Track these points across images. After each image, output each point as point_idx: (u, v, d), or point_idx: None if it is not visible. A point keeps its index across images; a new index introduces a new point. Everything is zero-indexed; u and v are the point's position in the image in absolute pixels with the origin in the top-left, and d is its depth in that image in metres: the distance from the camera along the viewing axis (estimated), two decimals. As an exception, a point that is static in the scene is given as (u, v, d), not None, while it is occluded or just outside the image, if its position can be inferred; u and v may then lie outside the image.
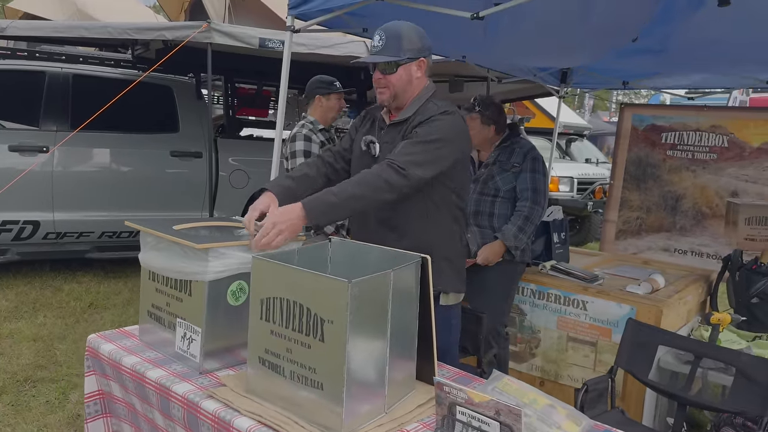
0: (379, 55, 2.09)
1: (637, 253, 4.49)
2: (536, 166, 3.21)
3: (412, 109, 2.16)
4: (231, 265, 1.82)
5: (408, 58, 2.10)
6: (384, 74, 2.12)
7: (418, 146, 2.03)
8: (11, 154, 4.83)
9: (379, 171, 1.98)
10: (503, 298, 3.18)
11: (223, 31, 4.48)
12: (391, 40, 2.09)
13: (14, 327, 4.10)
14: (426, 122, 2.08)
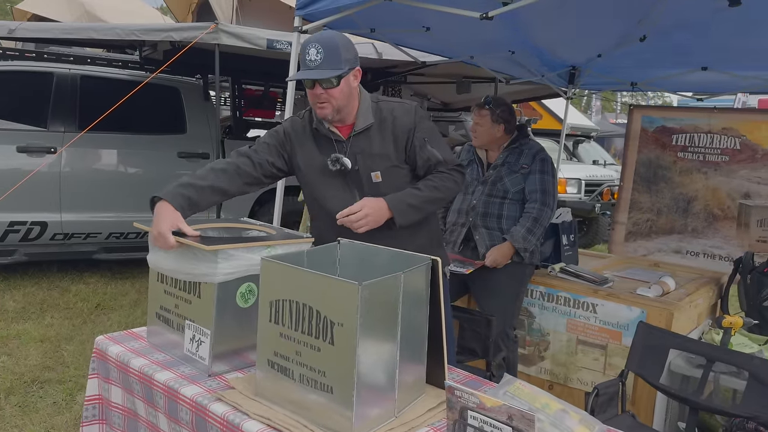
0: (320, 69, 1.99)
1: (647, 255, 4.45)
2: (545, 168, 3.19)
3: (368, 115, 2.16)
4: (240, 267, 1.81)
5: (348, 69, 2.05)
6: (325, 89, 2.03)
7: (443, 144, 2.22)
8: (19, 155, 4.84)
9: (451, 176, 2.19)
10: (512, 301, 3.16)
11: (231, 32, 4.48)
12: (330, 52, 2.00)
13: (21, 328, 4.10)
14: (418, 123, 2.18)
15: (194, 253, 1.80)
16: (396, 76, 6.32)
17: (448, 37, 3.81)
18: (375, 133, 2.14)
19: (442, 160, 2.16)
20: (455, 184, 2.18)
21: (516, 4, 2.34)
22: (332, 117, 2.11)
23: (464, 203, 3.28)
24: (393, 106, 2.19)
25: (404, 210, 2.06)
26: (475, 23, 3.41)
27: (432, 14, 3.36)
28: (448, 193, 2.17)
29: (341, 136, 2.18)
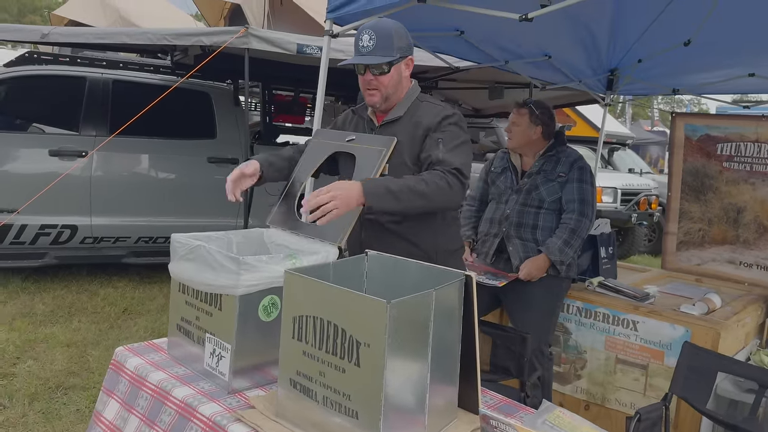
0: (371, 55, 2.01)
1: (701, 265, 4.25)
2: (584, 176, 3.05)
3: (403, 108, 2.12)
4: (263, 278, 1.72)
5: (399, 57, 2.05)
6: (375, 75, 2.04)
7: (458, 150, 2.01)
8: (51, 159, 4.87)
9: (443, 176, 1.93)
10: (548, 316, 3.02)
11: (261, 37, 4.43)
12: (383, 39, 2.00)
13: (49, 332, 4.10)
14: (444, 126, 2.05)
15: (215, 264, 1.72)
16: (427, 82, 6.21)
17: (482, 42, 3.70)
18: (401, 128, 2.10)
19: (441, 159, 1.95)
20: (447, 186, 1.89)
21: (556, 5, 2.22)
22: (380, 105, 2.10)
23: (497, 212, 3.16)
24: (430, 107, 2.13)
25: (380, 194, 1.81)
26: (512, 26, 3.29)
27: (466, 17, 3.25)
28: (436, 191, 1.88)
29: (375, 123, 2.18)
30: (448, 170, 1.93)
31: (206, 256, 1.74)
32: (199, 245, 1.77)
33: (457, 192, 1.93)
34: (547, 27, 3.30)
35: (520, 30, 3.34)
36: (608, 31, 3.50)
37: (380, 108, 2.13)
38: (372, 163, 2.00)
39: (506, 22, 2.95)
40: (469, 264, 3.13)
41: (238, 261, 1.65)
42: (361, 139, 2.10)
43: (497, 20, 2.97)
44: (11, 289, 4.94)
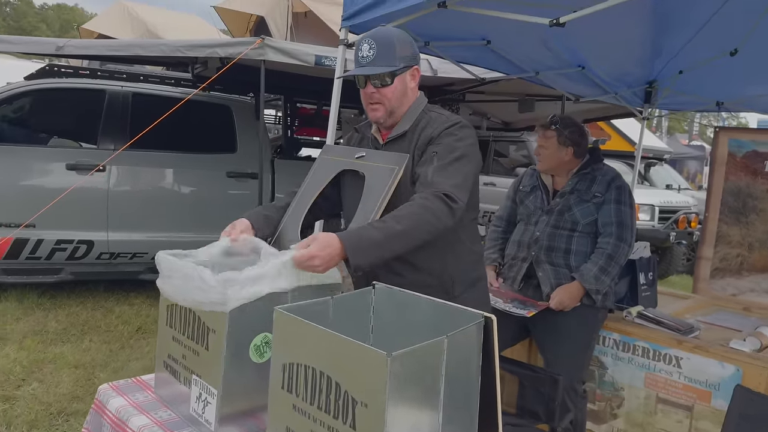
0: (372, 66, 1.82)
1: (737, 295, 3.93)
2: (622, 197, 2.79)
3: (408, 122, 1.90)
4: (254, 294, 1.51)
5: (403, 66, 1.85)
6: (377, 88, 1.84)
7: (450, 168, 1.76)
8: (68, 173, 4.77)
9: (424, 203, 1.68)
10: (582, 350, 2.75)
11: (277, 48, 4.28)
12: (384, 48, 1.82)
13: (59, 351, 3.97)
14: (441, 137, 1.82)
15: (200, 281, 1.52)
16: (453, 95, 6.00)
17: (510, 51, 3.47)
18: (407, 144, 1.89)
19: (429, 182, 1.73)
20: (432, 215, 1.65)
21: (590, 8, 1.99)
22: (384, 120, 1.90)
23: (525, 234, 2.91)
24: (435, 116, 1.90)
25: (363, 248, 1.57)
26: (542, 35, 3.08)
27: (493, 26, 3.05)
28: (417, 227, 1.64)
29: (380, 141, 1.97)
30: (434, 194, 1.69)
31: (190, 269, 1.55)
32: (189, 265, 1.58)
33: (444, 218, 1.69)
34: (580, 34, 3.08)
35: (552, 38, 3.13)
36: (649, 39, 3.24)
37: (385, 124, 1.93)
38: (383, 182, 1.79)
39: (536, 30, 2.73)
40: (495, 290, 2.88)
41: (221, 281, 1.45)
42: (372, 157, 1.89)
43: (526, 27, 2.74)
44: (26, 305, 4.85)
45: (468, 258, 1.94)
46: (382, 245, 1.60)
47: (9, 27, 38.48)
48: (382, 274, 1.86)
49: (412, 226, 1.63)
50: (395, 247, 1.64)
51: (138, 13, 8.82)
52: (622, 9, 2.26)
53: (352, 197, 1.91)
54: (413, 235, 1.65)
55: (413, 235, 1.65)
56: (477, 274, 2.00)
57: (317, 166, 2.05)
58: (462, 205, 1.73)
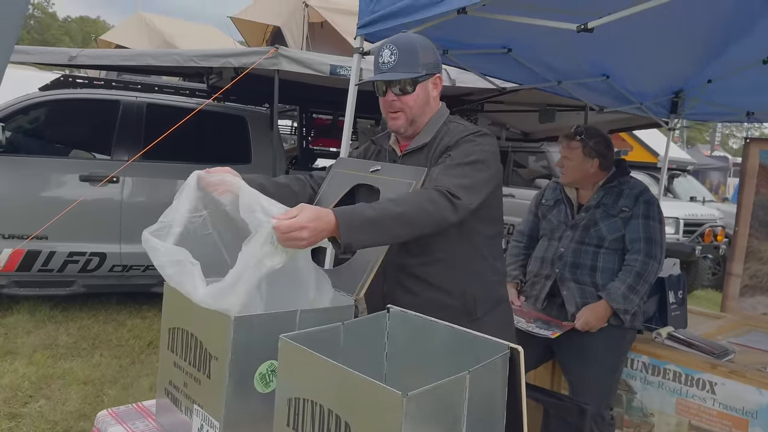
0: (393, 72, 1.72)
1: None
2: (650, 212, 2.65)
3: (429, 134, 1.79)
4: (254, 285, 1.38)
5: (426, 74, 1.75)
6: (398, 95, 1.74)
7: (459, 169, 1.64)
8: (82, 184, 4.73)
9: (423, 192, 1.57)
10: (609, 374, 2.60)
11: (292, 57, 4.20)
12: (406, 54, 1.72)
13: (68, 366, 3.89)
14: (459, 144, 1.71)
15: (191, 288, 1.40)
16: (472, 105, 5.88)
17: (532, 60, 3.34)
18: (425, 155, 1.78)
19: (432, 179, 1.62)
20: (432, 204, 1.53)
21: (620, 13, 1.86)
22: (405, 130, 1.79)
23: (549, 250, 2.78)
24: (454, 127, 1.79)
25: (357, 225, 1.42)
26: (565, 43, 2.95)
27: (514, 33, 2.93)
28: (417, 213, 1.51)
29: (397, 153, 1.86)
30: (435, 188, 1.57)
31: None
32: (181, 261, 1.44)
33: (444, 211, 1.55)
34: (608, 42, 2.94)
35: (577, 46, 3.00)
36: (680, 47, 3.10)
37: (405, 133, 1.81)
38: None
39: (559, 37, 2.61)
40: (517, 309, 2.74)
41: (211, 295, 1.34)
42: (387, 170, 1.78)
43: (549, 34, 2.63)
44: (38, 318, 4.80)
45: (491, 276, 1.81)
46: (377, 223, 1.46)
47: (33, 39, 39.13)
48: (396, 291, 1.75)
49: (410, 210, 1.51)
50: (392, 229, 1.49)
51: (155, 24, 8.85)
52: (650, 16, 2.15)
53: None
54: (411, 219, 1.51)
55: (411, 219, 1.51)
56: (500, 294, 1.87)
57: (330, 179, 1.94)
58: (467, 205, 1.60)
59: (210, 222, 1.65)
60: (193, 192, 1.63)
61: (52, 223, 4.36)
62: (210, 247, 1.63)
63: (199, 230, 1.63)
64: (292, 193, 1.86)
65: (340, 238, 1.41)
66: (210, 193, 1.63)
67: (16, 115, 4.77)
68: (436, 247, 1.71)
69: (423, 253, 1.72)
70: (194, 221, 1.61)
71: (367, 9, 2.52)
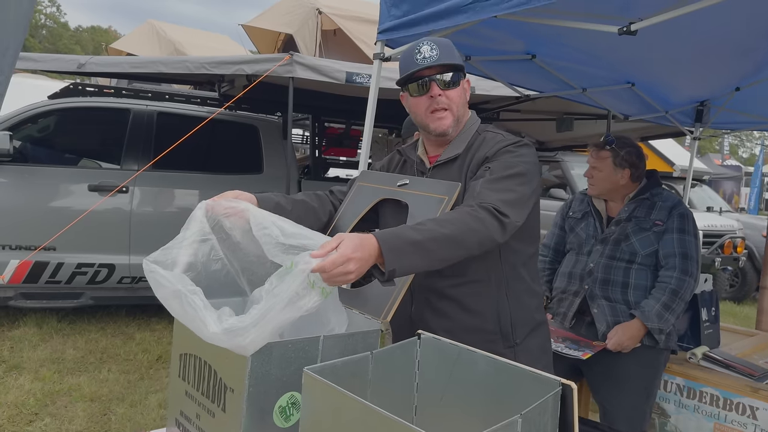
0: (438, 64, 1.59)
1: (803, 332, 3.59)
2: (685, 225, 2.51)
3: (461, 144, 1.65)
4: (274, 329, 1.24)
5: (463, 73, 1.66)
6: (444, 90, 1.61)
7: (502, 183, 1.50)
8: (91, 194, 4.63)
9: (469, 210, 1.43)
10: (643, 398, 2.45)
11: (307, 64, 4.09)
12: (446, 48, 1.61)
13: (75, 382, 3.78)
14: (498, 155, 1.57)
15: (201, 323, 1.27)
16: (487, 113, 5.76)
17: (557, 65, 3.22)
18: (457, 167, 1.64)
19: (475, 194, 1.49)
20: (480, 223, 1.40)
21: (664, 15, 1.74)
22: (453, 130, 1.66)
23: (577, 266, 2.64)
24: (491, 136, 1.66)
25: (401, 250, 1.29)
26: (591, 48, 2.83)
27: (540, 39, 2.81)
28: (467, 233, 1.38)
29: (426, 165, 1.72)
30: (480, 205, 1.44)
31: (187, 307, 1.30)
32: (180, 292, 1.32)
33: (492, 229, 1.43)
34: (641, 47, 2.81)
35: (606, 51, 2.88)
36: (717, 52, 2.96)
37: (452, 135, 1.67)
38: (429, 215, 1.55)
39: (590, 41, 2.49)
40: (543, 327, 2.60)
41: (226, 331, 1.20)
42: (417, 184, 1.65)
43: (578, 39, 2.52)
44: (45, 330, 4.70)
45: (530, 299, 1.68)
46: (422, 246, 1.32)
47: (45, 49, 39.47)
48: (425, 314, 1.63)
49: (456, 230, 1.37)
50: (438, 251, 1.36)
51: (166, 33, 8.79)
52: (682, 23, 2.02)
53: (394, 222, 1.67)
54: (458, 240, 1.38)
55: (458, 240, 1.38)
56: (539, 317, 1.74)
57: (354, 193, 1.82)
58: (514, 222, 1.47)
59: (220, 248, 1.52)
60: (199, 223, 1.51)
61: (61, 234, 4.29)
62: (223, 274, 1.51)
63: (209, 257, 1.50)
64: (311, 209, 1.74)
65: (383, 264, 1.27)
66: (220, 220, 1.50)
67: (24, 124, 4.69)
68: (470, 267, 1.58)
69: (455, 273, 1.58)
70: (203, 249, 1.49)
71: (388, 14, 2.41)
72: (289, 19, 7.76)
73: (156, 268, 1.39)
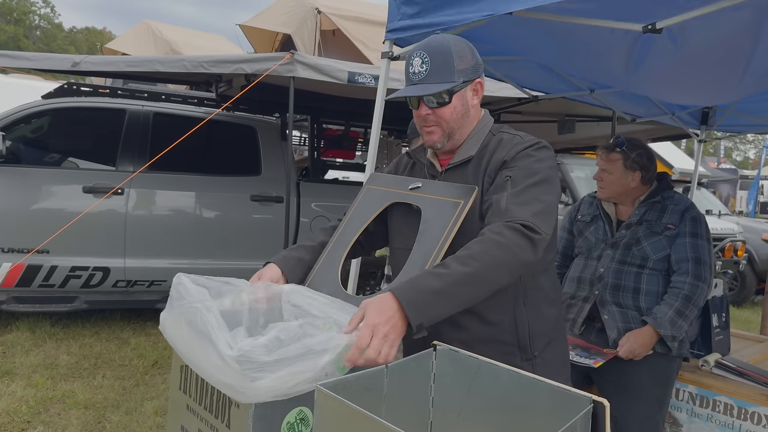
0: (424, 83, 1.53)
1: (812, 338, 3.53)
2: (698, 229, 2.44)
3: (474, 146, 1.58)
4: (289, 381, 1.20)
5: (463, 81, 1.54)
6: (433, 108, 1.55)
7: (528, 193, 1.43)
8: (85, 196, 4.54)
9: (496, 238, 1.34)
10: (656, 407, 2.38)
11: (308, 64, 4.00)
12: (439, 61, 1.52)
13: (68, 389, 3.69)
14: (517, 159, 1.49)
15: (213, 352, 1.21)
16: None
17: (567, 65, 3.15)
18: (471, 170, 1.57)
19: (503, 210, 1.41)
20: (505, 250, 1.33)
21: (690, 13, 1.67)
22: (442, 145, 1.60)
23: (587, 270, 2.58)
24: (507, 138, 1.58)
25: (424, 301, 1.25)
26: (605, 49, 2.77)
27: (552, 39, 2.74)
28: (494, 265, 1.32)
29: (437, 169, 1.65)
30: (508, 225, 1.37)
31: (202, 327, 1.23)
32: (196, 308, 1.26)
33: (523, 254, 1.36)
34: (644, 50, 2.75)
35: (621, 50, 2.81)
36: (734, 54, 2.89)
37: (443, 148, 1.62)
38: (445, 219, 1.48)
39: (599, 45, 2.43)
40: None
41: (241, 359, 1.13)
42: (430, 188, 1.58)
43: (592, 38, 2.45)
44: (38, 335, 4.60)
45: (548, 309, 1.61)
46: (445, 294, 1.28)
47: (39, 50, 39.23)
48: (441, 326, 1.55)
49: (483, 266, 1.31)
50: (463, 294, 1.31)
51: (162, 33, 8.69)
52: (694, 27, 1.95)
53: (403, 236, 1.60)
54: (486, 277, 1.32)
55: (486, 277, 1.32)
56: (559, 328, 1.67)
57: (363, 197, 1.74)
58: (546, 237, 1.40)
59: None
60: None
61: (54, 236, 4.20)
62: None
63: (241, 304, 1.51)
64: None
65: (408, 320, 1.25)
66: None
67: (17, 124, 4.59)
68: None
69: None
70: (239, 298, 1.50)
71: (398, 12, 2.33)
72: (287, 19, 7.68)
73: (186, 281, 1.34)
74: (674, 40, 2.37)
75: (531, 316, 1.55)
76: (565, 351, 1.71)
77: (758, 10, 1.95)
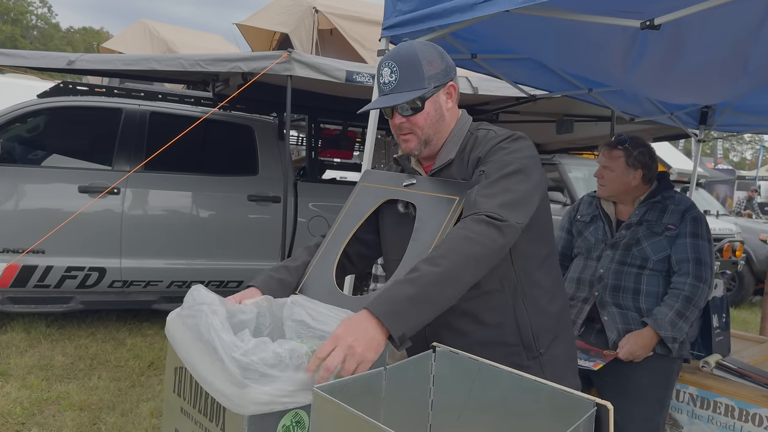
0: (395, 93, 1.51)
1: (812, 338, 3.51)
2: (699, 230, 2.42)
3: (454, 148, 1.57)
4: (284, 392, 1.18)
5: (434, 87, 1.52)
6: (407, 116, 1.53)
7: (497, 185, 1.40)
8: (81, 196, 4.51)
9: (462, 233, 1.33)
10: (657, 411, 2.36)
11: (306, 62, 3.98)
12: (408, 70, 1.50)
13: (63, 390, 3.65)
14: (491, 154, 1.48)
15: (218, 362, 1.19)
16: (486, 114, 5.68)
17: (565, 65, 3.13)
18: (455, 171, 1.56)
19: (472, 203, 1.39)
20: (473, 243, 1.31)
21: (689, 9, 1.65)
22: (419, 151, 1.58)
23: (586, 271, 2.55)
24: (483, 134, 1.57)
25: (398, 311, 1.22)
26: (603, 47, 2.75)
27: (551, 37, 2.72)
28: (462, 260, 1.30)
29: (422, 174, 1.64)
30: (474, 219, 1.35)
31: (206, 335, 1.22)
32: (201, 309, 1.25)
33: (492, 243, 1.33)
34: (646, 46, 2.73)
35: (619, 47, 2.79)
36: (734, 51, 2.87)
37: (421, 155, 1.60)
38: (440, 215, 1.46)
39: (602, 39, 2.41)
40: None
41: (245, 368, 1.11)
42: (424, 184, 1.55)
43: (591, 36, 2.43)
44: (33, 336, 4.57)
45: (550, 304, 1.58)
46: (421, 299, 1.25)
47: (36, 50, 39.18)
48: (442, 334, 1.52)
49: (453, 264, 1.29)
50: (441, 294, 1.28)
51: (159, 32, 8.66)
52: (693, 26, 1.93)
53: (396, 247, 1.55)
54: (458, 274, 1.29)
55: (458, 274, 1.29)
56: (563, 323, 1.64)
57: (356, 195, 1.72)
58: (514, 224, 1.37)
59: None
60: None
61: (50, 236, 4.16)
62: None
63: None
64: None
65: (389, 333, 1.22)
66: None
67: (12, 123, 4.56)
68: (482, 279, 1.48)
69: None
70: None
71: (394, 9, 2.31)
72: (284, 18, 7.65)
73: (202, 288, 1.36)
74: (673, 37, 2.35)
75: (532, 313, 1.53)
76: (572, 345, 1.68)
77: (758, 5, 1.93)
